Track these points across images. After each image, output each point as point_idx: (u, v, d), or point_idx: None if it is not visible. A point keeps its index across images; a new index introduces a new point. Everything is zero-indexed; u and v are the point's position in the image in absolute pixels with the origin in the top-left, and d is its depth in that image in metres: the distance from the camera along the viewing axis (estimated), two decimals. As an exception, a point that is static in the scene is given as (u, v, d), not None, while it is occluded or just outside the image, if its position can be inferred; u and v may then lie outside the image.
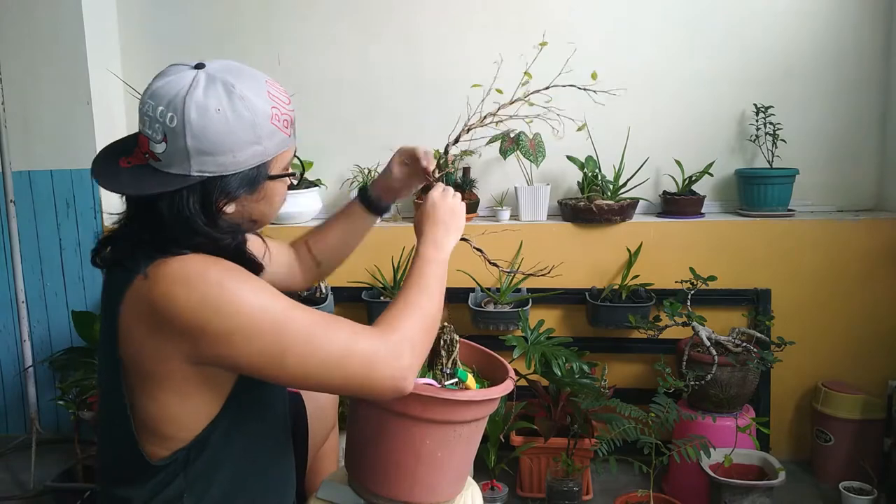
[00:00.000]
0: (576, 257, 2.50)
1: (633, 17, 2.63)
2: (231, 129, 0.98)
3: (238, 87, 1.00)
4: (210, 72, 1.01)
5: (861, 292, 2.45)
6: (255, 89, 1.02)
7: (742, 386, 2.22)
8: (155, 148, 0.99)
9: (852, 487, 2.18)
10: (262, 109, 1.01)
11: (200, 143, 0.97)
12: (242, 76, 1.03)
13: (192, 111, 0.96)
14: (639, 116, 2.64)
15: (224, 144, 0.98)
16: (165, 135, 0.97)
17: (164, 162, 0.99)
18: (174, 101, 0.97)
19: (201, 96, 0.97)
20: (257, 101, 1.01)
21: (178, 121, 0.96)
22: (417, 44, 2.74)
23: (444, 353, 1.26)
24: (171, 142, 0.97)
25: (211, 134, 0.97)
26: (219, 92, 0.98)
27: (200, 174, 0.99)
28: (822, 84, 2.58)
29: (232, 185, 1.01)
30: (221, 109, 0.98)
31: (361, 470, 1.27)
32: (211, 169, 0.99)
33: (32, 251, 2.79)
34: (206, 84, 0.99)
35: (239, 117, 0.99)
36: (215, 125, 0.97)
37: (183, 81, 0.99)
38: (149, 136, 0.99)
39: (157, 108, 0.98)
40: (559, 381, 2.15)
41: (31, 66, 2.69)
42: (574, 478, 2.12)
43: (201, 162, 0.98)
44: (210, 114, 0.97)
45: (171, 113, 0.97)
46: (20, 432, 2.85)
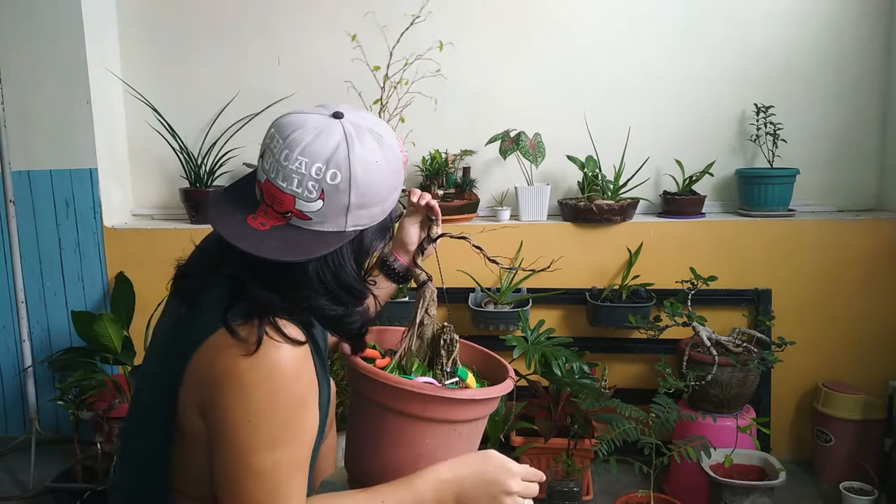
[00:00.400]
0: (576, 257, 2.50)
1: (634, 17, 2.63)
2: (385, 180, 0.98)
3: (384, 136, 0.99)
4: (354, 122, 0.97)
5: (861, 292, 2.44)
6: (391, 136, 1.01)
7: (742, 386, 2.22)
8: (306, 207, 0.94)
9: (853, 488, 2.18)
10: (399, 156, 1.01)
11: (362, 197, 0.95)
12: (378, 123, 1.01)
13: (358, 167, 0.93)
14: (639, 116, 2.64)
15: (378, 196, 0.97)
16: (323, 192, 0.93)
17: (314, 220, 0.95)
18: (335, 159, 0.93)
19: (361, 150, 0.94)
20: (396, 147, 1.01)
21: (343, 178, 0.93)
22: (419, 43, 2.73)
23: (444, 352, 1.26)
24: (331, 199, 0.94)
25: (373, 187, 0.96)
26: (372, 144, 0.96)
27: (355, 228, 0.97)
28: (823, 84, 2.58)
29: (375, 233, 1.01)
30: (379, 162, 0.96)
31: (361, 469, 1.27)
32: (364, 222, 0.98)
33: (32, 251, 2.78)
34: (358, 136, 0.95)
35: (391, 167, 0.98)
36: (376, 178, 0.96)
37: (336, 136, 0.94)
38: (297, 195, 0.93)
39: (312, 165, 0.92)
40: (559, 382, 2.15)
41: (31, 66, 2.69)
42: (574, 478, 2.12)
43: (357, 216, 0.96)
44: (372, 168, 0.95)
45: (332, 170, 0.93)
46: (19, 432, 2.85)
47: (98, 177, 2.71)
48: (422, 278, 1.33)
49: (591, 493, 2.30)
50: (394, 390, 1.15)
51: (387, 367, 1.24)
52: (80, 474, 2.24)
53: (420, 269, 1.35)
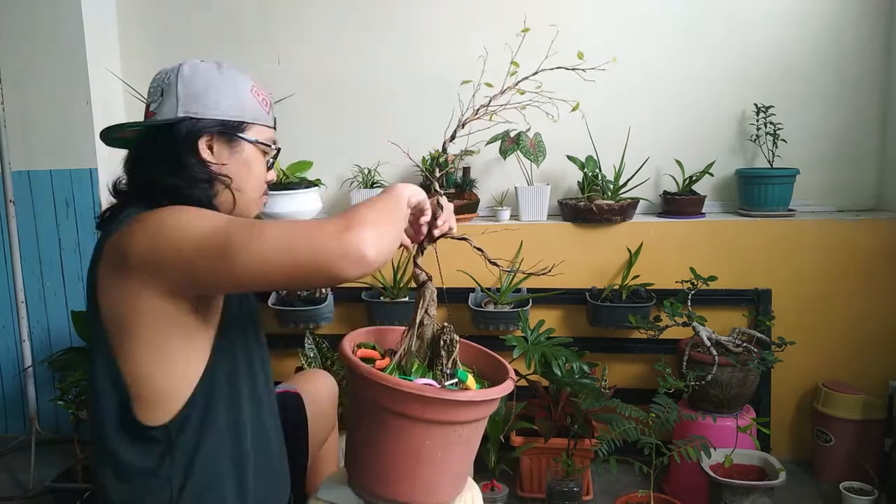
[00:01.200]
0: (576, 257, 2.50)
1: (634, 17, 2.63)
2: (216, 81, 1.20)
3: (225, 64, 1.24)
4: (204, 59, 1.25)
5: (862, 292, 2.44)
6: (241, 70, 1.25)
7: (742, 386, 2.22)
8: (152, 108, 1.20)
9: (853, 488, 2.18)
10: (243, 80, 1.24)
11: (188, 86, 1.18)
12: (234, 65, 1.26)
13: (186, 68, 1.20)
14: (639, 116, 2.64)
15: (207, 90, 1.19)
16: (162, 91, 1.19)
17: (158, 115, 1.19)
18: (171, 67, 1.22)
19: (196, 62, 1.22)
20: (241, 75, 1.24)
21: (173, 76, 1.19)
22: (417, 43, 2.74)
23: (444, 353, 1.26)
24: (166, 95, 1.19)
25: (198, 80, 1.19)
26: (210, 63, 1.23)
27: (185, 113, 1.17)
28: (823, 84, 2.58)
29: (211, 123, 1.18)
30: (210, 69, 1.21)
31: (361, 470, 1.27)
32: (195, 109, 1.18)
33: (32, 251, 2.78)
34: (199, 59, 1.24)
35: (223, 76, 1.21)
36: (203, 75, 1.20)
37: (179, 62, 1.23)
38: (148, 105, 1.21)
39: (157, 78, 1.22)
40: (559, 382, 2.15)
41: (31, 66, 2.69)
42: (574, 478, 2.12)
43: (187, 103, 1.18)
44: (200, 68, 1.21)
45: (169, 74, 1.20)
46: (20, 432, 2.85)
47: (98, 177, 2.71)
48: (422, 278, 1.33)
49: (591, 493, 2.30)
50: (393, 392, 1.15)
51: (386, 367, 1.24)
52: (80, 474, 2.24)
53: (420, 269, 1.35)
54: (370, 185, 2.67)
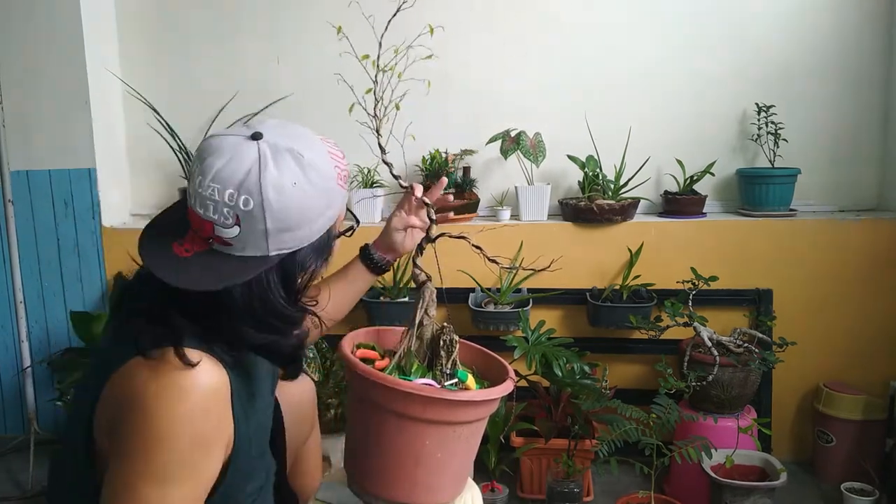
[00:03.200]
0: (576, 257, 2.49)
1: (635, 16, 2.62)
2: (309, 201, 0.93)
3: (306, 154, 0.93)
4: (271, 141, 0.93)
5: (863, 292, 2.44)
6: (318, 151, 0.96)
7: (743, 387, 2.21)
8: (224, 233, 0.92)
9: (854, 488, 2.17)
10: (329, 173, 0.96)
11: (281, 222, 0.91)
12: (303, 140, 0.96)
13: (270, 191, 0.90)
14: (640, 116, 2.63)
15: (303, 218, 0.93)
16: (238, 218, 0.90)
17: (235, 246, 0.93)
18: (246, 184, 0.89)
19: (275, 173, 0.90)
20: (324, 164, 0.95)
21: (256, 203, 0.90)
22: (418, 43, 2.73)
23: (444, 353, 1.25)
24: (247, 225, 0.91)
25: (291, 211, 0.92)
26: (290, 165, 0.92)
27: (279, 252, 0.94)
28: (824, 83, 2.58)
29: (308, 256, 0.97)
30: (298, 183, 0.91)
31: (361, 471, 1.27)
32: (289, 245, 0.94)
33: (31, 251, 2.78)
34: (274, 158, 0.91)
35: (314, 187, 0.93)
36: (295, 201, 0.92)
37: (249, 159, 0.90)
38: (214, 221, 0.91)
39: (224, 191, 0.90)
40: (560, 382, 2.14)
41: (31, 66, 2.68)
42: (575, 479, 2.11)
43: (280, 240, 0.93)
44: (288, 191, 0.91)
45: (244, 196, 0.89)
46: (18, 433, 2.84)
47: (97, 177, 2.71)
48: (421, 278, 1.33)
49: (591, 494, 2.29)
50: (393, 392, 1.14)
51: (386, 368, 1.24)
52: (78, 475, 2.24)
53: (420, 269, 1.34)
54: (370, 185, 2.67)
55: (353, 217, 1.10)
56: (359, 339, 1.36)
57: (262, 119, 1.01)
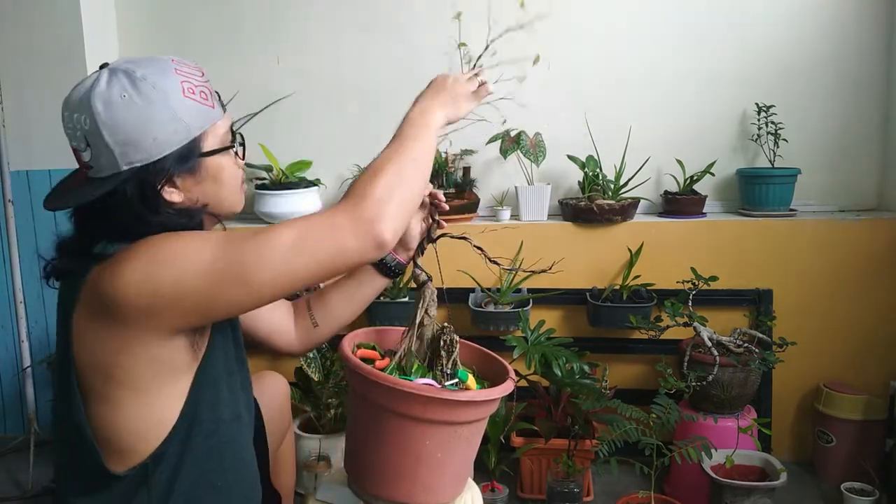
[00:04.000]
0: (576, 257, 2.49)
1: (634, 17, 2.62)
2: (142, 111, 0.98)
3: (139, 71, 0.99)
4: (112, 66, 1.01)
5: (863, 292, 2.44)
6: (158, 69, 1.01)
7: (743, 387, 2.22)
8: (84, 157, 1.01)
9: (854, 488, 2.17)
10: (169, 86, 1.00)
11: (116, 134, 0.97)
12: (143, 61, 1.02)
13: (99, 105, 0.97)
14: (640, 116, 2.63)
15: (140, 129, 0.98)
16: (86, 139, 0.99)
17: (95, 168, 1.01)
18: (81, 102, 0.99)
19: (104, 89, 0.98)
20: (163, 78, 1.00)
21: (90, 120, 0.97)
22: (417, 42, 2.73)
23: (444, 353, 1.25)
24: (93, 144, 0.99)
25: (124, 122, 0.97)
26: (121, 80, 0.99)
27: (130, 166, 0.99)
28: (824, 83, 2.58)
29: (164, 166, 1.01)
30: (126, 95, 0.97)
31: (361, 471, 1.27)
32: (138, 157, 0.99)
33: (30, 251, 2.77)
34: (107, 78, 0.99)
35: (146, 98, 0.98)
36: (124, 110, 0.97)
37: (86, 83, 1.00)
38: (76, 149, 1.02)
39: (71, 116, 1.00)
40: (560, 382, 2.14)
41: (30, 66, 2.68)
42: (575, 479, 2.11)
43: (125, 154, 0.98)
44: (116, 103, 0.97)
45: (82, 115, 0.98)
46: (18, 433, 2.84)
47: (97, 177, 2.71)
48: (422, 279, 1.33)
49: (591, 494, 2.29)
50: (393, 392, 1.14)
51: (386, 367, 1.24)
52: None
53: (420, 269, 1.34)
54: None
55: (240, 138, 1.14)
56: (359, 339, 1.37)
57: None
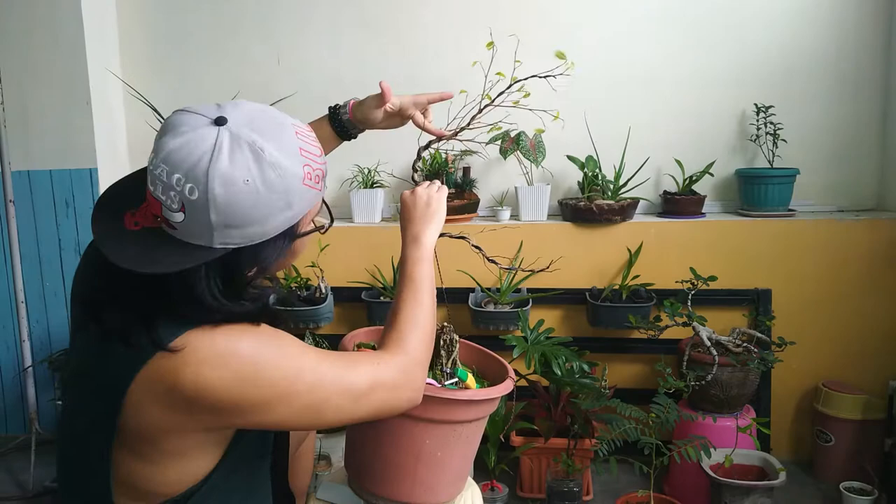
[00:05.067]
0: (576, 257, 2.50)
1: (634, 17, 2.63)
2: (261, 200, 0.85)
3: (267, 149, 0.85)
4: (234, 130, 0.85)
5: (862, 292, 2.44)
6: (285, 148, 0.87)
7: (742, 386, 2.22)
8: (170, 216, 0.85)
9: (853, 487, 2.18)
10: (294, 173, 0.87)
11: (226, 218, 0.84)
12: (270, 132, 0.87)
13: (217, 185, 0.82)
14: (639, 116, 2.64)
15: (253, 217, 0.85)
16: (184, 205, 0.83)
17: (180, 231, 0.86)
18: (194, 172, 0.82)
19: (227, 166, 0.83)
20: (289, 163, 0.86)
21: (200, 194, 0.82)
22: (418, 42, 2.74)
23: (444, 353, 1.26)
24: (191, 214, 0.84)
25: (239, 209, 0.84)
26: (246, 159, 0.84)
27: (224, 246, 0.87)
28: (823, 84, 2.58)
29: (261, 254, 0.90)
30: (251, 181, 0.83)
31: (361, 470, 1.27)
32: (237, 241, 0.87)
33: (32, 251, 2.78)
34: (230, 149, 0.83)
35: (270, 187, 0.85)
36: (244, 199, 0.84)
37: (203, 145, 0.83)
38: (162, 203, 0.85)
39: (172, 175, 0.83)
40: (559, 382, 2.15)
41: (31, 66, 2.69)
42: (574, 478, 2.12)
43: (225, 235, 0.86)
44: (238, 187, 0.83)
45: (190, 184, 0.82)
46: (20, 432, 2.85)
47: (98, 177, 2.71)
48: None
49: (591, 493, 2.30)
50: (393, 391, 1.14)
51: (386, 367, 1.24)
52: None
53: None
54: (370, 185, 2.67)
55: (328, 213, 1.04)
56: (359, 339, 1.37)
57: (240, 102, 0.90)
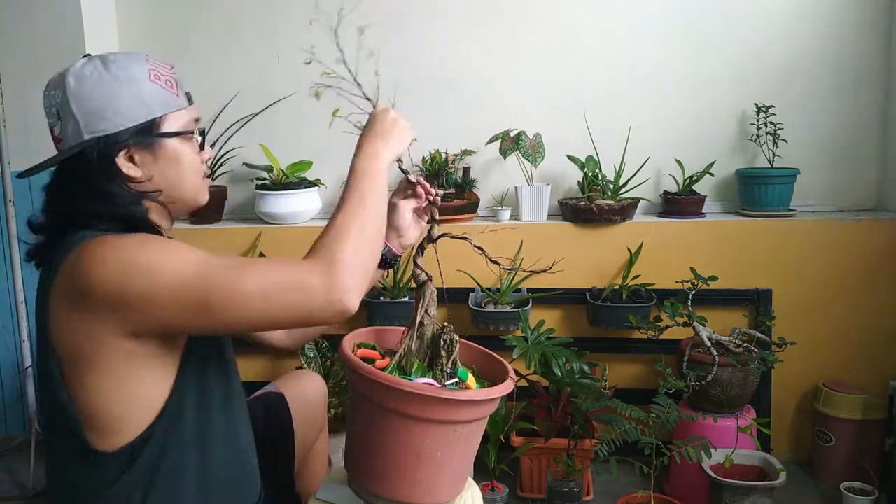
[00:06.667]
0: (576, 257, 2.50)
1: (634, 17, 2.63)
2: (108, 86, 1.08)
3: (111, 57, 1.11)
4: (91, 55, 1.13)
5: (862, 292, 2.44)
6: (130, 58, 1.12)
7: (743, 386, 2.22)
8: (55, 131, 1.10)
9: (853, 488, 2.18)
10: (137, 70, 1.11)
11: (82, 103, 1.07)
12: (120, 53, 1.14)
13: (72, 80, 1.08)
14: (639, 116, 2.64)
15: (104, 101, 1.07)
16: (58, 113, 1.09)
17: (65, 140, 1.09)
18: (57, 80, 1.10)
19: (79, 69, 1.10)
20: (132, 64, 1.11)
21: (62, 93, 1.08)
22: (418, 42, 2.73)
23: (444, 353, 1.25)
24: (63, 116, 1.08)
25: (91, 94, 1.07)
26: (95, 63, 1.10)
27: (93, 135, 1.07)
28: (823, 83, 2.58)
29: (123, 136, 1.08)
30: (97, 73, 1.09)
31: (361, 470, 1.27)
32: (101, 127, 1.07)
33: (32, 251, 2.78)
34: (84, 60, 1.11)
35: (114, 76, 1.09)
36: (92, 84, 1.08)
37: (66, 67, 1.11)
38: (51, 124, 1.11)
39: (47, 95, 1.11)
40: (559, 382, 2.15)
41: (31, 66, 2.69)
42: (574, 478, 2.12)
43: (88, 123, 1.07)
44: (86, 78, 1.08)
45: (57, 91, 1.09)
46: (19, 433, 2.85)
47: (98, 177, 2.71)
48: (422, 278, 1.33)
49: (591, 494, 2.30)
50: (393, 391, 1.15)
51: (386, 367, 1.24)
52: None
53: (420, 268, 1.35)
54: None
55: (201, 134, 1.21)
56: (359, 339, 1.37)
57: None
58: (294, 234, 2.64)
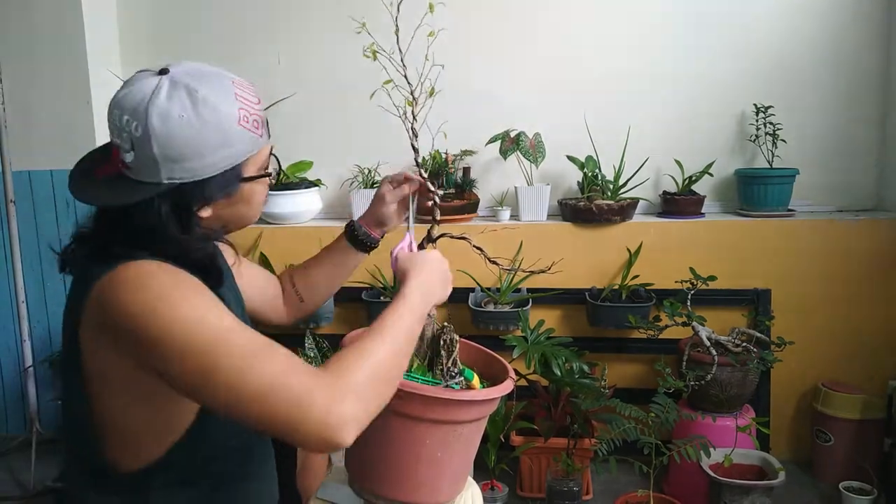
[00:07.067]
0: (576, 257, 2.50)
1: (634, 17, 2.63)
2: (196, 133, 0.98)
3: (201, 91, 1.00)
4: (173, 77, 1.00)
5: (861, 292, 2.45)
6: (220, 92, 1.01)
7: (742, 386, 2.22)
8: (125, 157, 1.00)
9: (852, 487, 2.18)
10: (227, 112, 1.01)
11: (166, 150, 0.97)
12: (206, 79, 1.02)
13: (155, 119, 0.96)
14: (639, 116, 2.64)
15: (190, 149, 0.98)
16: (133, 144, 0.98)
17: (134, 170, 1.00)
18: (137, 110, 0.98)
19: (164, 103, 0.97)
20: (222, 104, 1.01)
21: (142, 129, 0.97)
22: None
23: (444, 353, 1.26)
24: (139, 151, 0.98)
25: (176, 140, 0.97)
26: (182, 97, 0.98)
27: (171, 181, 0.99)
28: (822, 84, 2.58)
29: (206, 190, 1.02)
30: (185, 116, 0.97)
31: (361, 470, 1.27)
32: (180, 175, 0.99)
33: (32, 251, 2.78)
34: (168, 90, 0.99)
35: (203, 122, 0.98)
36: (179, 131, 0.97)
37: (145, 89, 0.99)
38: (118, 146, 1.01)
39: (121, 117, 1.00)
40: (559, 381, 2.15)
41: (31, 67, 2.69)
42: (574, 478, 2.12)
43: (170, 169, 0.98)
44: (173, 120, 0.97)
45: (135, 122, 0.98)
46: (20, 432, 2.85)
47: (98, 177, 2.72)
48: (422, 279, 1.33)
49: (590, 493, 2.30)
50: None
51: (387, 367, 1.24)
52: (80, 474, 2.25)
53: None
54: (370, 186, 2.67)
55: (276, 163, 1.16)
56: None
57: (185, 60, 1.07)
58: (294, 234, 2.64)
